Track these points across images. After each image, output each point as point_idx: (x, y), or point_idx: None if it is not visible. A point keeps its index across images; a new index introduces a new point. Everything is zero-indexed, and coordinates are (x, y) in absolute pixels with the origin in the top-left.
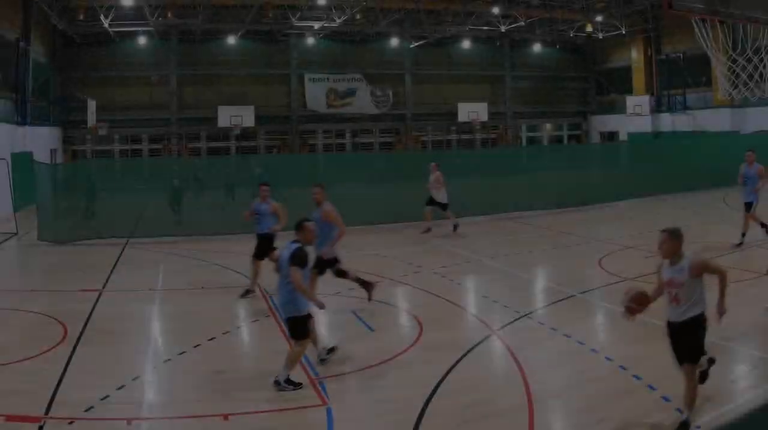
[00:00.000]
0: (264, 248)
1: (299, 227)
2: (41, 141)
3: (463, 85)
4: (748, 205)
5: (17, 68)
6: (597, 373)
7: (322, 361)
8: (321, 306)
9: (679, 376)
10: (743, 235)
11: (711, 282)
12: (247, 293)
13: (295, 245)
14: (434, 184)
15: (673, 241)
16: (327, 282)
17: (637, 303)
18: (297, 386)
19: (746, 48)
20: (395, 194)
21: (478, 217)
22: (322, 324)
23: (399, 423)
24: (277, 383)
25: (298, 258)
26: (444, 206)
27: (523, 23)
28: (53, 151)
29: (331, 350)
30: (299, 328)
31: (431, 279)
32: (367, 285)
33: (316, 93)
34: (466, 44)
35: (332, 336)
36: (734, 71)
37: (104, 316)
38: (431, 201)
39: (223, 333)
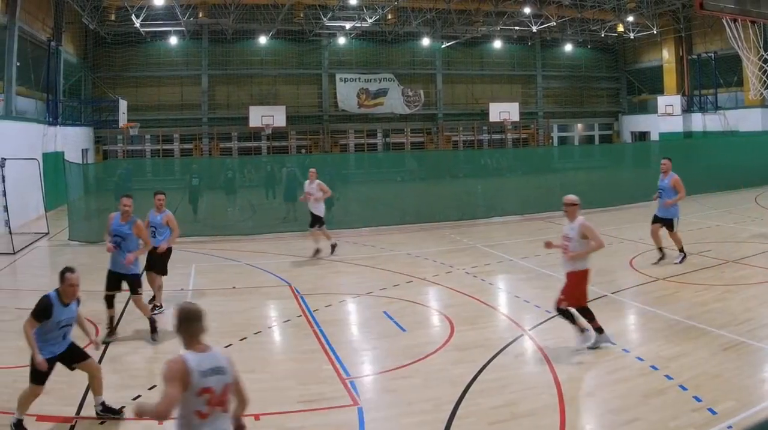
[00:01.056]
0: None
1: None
2: (73, 141)
3: (494, 85)
4: (668, 223)
5: (49, 68)
6: (628, 373)
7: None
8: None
9: (711, 376)
10: (660, 249)
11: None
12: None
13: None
14: (314, 194)
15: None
16: (359, 283)
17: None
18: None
19: None
20: (426, 194)
21: (509, 216)
22: (355, 324)
23: (430, 423)
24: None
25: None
26: (319, 221)
27: (554, 23)
28: (84, 152)
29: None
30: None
31: (463, 279)
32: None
33: (347, 93)
34: (497, 44)
35: (364, 336)
36: (765, 71)
37: (135, 316)
38: (315, 218)
39: (255, 333)
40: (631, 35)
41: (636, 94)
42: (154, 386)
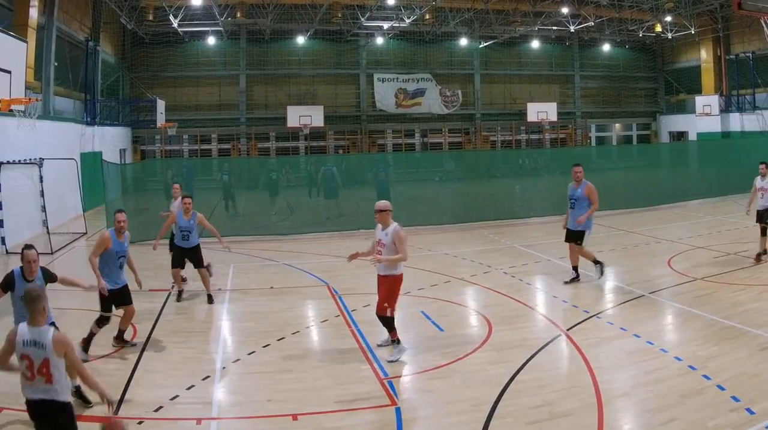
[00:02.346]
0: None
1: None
2: (110, 141)
3: (532, 85)
4: (577, 235)
5: (86, 68)
6: (666, 373)
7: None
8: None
9: (749, 376)
10: (575, 268)
11: None
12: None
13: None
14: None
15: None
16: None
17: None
18: None
19: None
20: (464, 194)
21: (547, 216)
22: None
23: (468, 423)
24: None
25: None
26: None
27: (592, 23)
28: (122, 151)
29: None
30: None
31: (500, 279)
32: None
33: (385, 93)
34: (535, 44)
35: (402, 336)
36: None
37: (173, 315)
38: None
39: (293, 333)
40: (669, 35)
41: (674, 94)
42: (192, 386)
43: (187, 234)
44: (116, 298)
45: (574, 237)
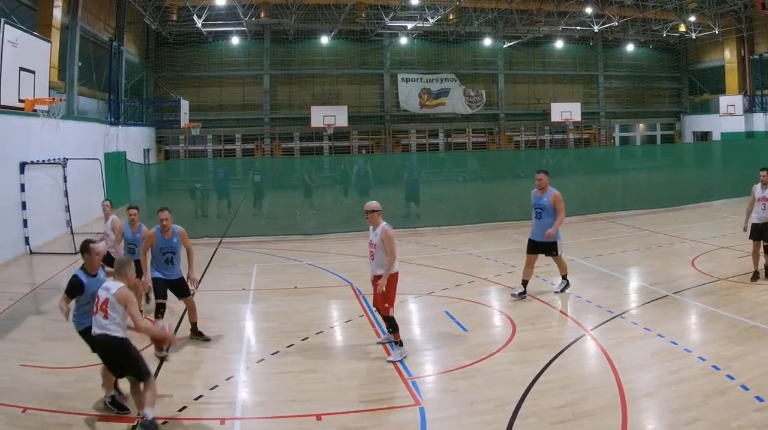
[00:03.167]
0: None
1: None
2: (134, 141)
3: (556, 85)
4: (548, 247)
5: (110, 68)
6: (690, 373)
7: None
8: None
9: None
10: (525, 282)
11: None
12: None
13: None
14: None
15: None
16: (421, 283)
17: None
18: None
19: None
20: (488, 194)
21: (571, 216)
22: (417, 324)
23: (492, 424)
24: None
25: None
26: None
27: (616, 23)
28: (146, 151)
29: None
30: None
31: None
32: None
33: (409, 93)
34: (559, 44)
35: (426, 336)
36: None
37: (197, 315)
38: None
39: (317, 333)
40: (693, 35)
41: (698, 94)
42: (216, 386)
43: (133, 248)
44: (172, 289)
45: (544, 249)
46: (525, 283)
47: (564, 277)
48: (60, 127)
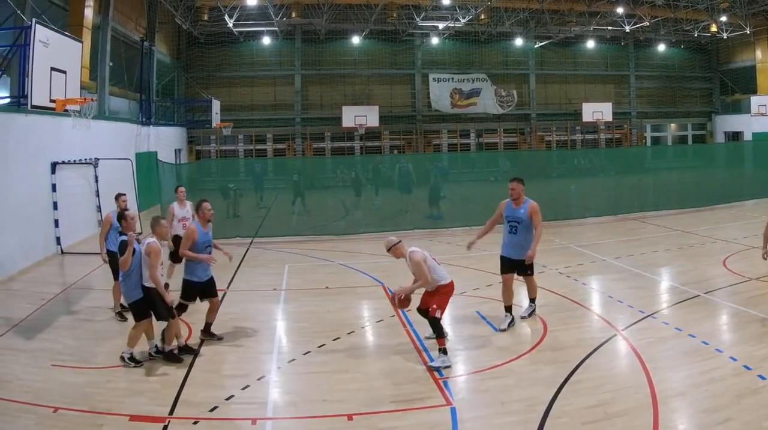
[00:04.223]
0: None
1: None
2: (165, 141)
3: (587, 85)
4: (523, 265)
5: (142, 68)
6: (721, 373)
7: (151, 356)
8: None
9: None
10: (509, 308)
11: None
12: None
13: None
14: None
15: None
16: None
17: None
18: (137, 363)
19: None
20: None
21: (602, 217)
22: (448, 324)
23: (523, 423)
24: (121, 358)
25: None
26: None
27: (647, 23)
28: (177, 151)
29: (158, 352)
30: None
31: (556, 279)
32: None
33: (440, 93)
34: (590, 44)
35: (457, 336)
36: None
37: (229, 315)
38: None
39: (348, 333)
40: (725, 35)
41: (729, 94)
42: (247, 386)
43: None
44: (203, 291)
45: (522, 268)
46: (509, 309)
47: (532, 300)
48: (91, 127)
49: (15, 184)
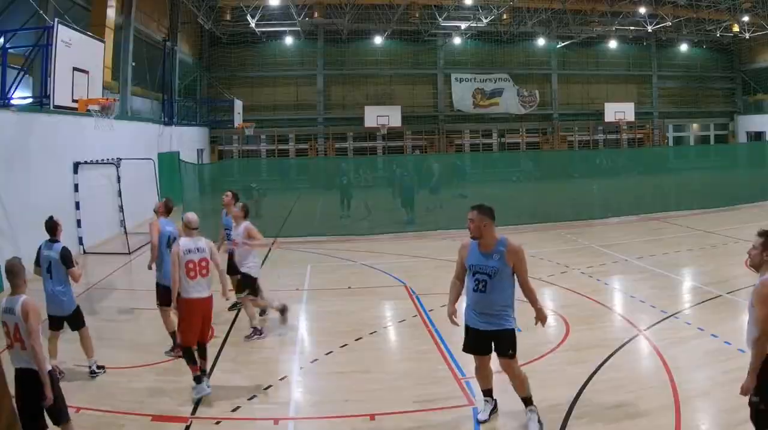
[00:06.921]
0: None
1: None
2: (188, 141)
3: (609, 85)
4: (505, 337)
5: (164, 68)
6: (744, 373)
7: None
8: None
9: None
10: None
11: None
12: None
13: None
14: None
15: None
16: None
17: None
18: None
19: None
20: (542, 194)
21: (625, 216)
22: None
23: (545, 423)
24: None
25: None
26: (250, 286)
27: (669, 23)
28: (200, 151)
29: None
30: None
31: (578, 279)
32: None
33: (462, 93)
34: (612, 44)
35: None
36: None
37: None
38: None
39: (370, 333)
40: (747, 35)
41: (752, 94)
42: (270, 385)
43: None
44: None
45: (499, 345)
46: (488, 393)
47: (526, 400)
48: (114, 127)
49: (37, 185)
